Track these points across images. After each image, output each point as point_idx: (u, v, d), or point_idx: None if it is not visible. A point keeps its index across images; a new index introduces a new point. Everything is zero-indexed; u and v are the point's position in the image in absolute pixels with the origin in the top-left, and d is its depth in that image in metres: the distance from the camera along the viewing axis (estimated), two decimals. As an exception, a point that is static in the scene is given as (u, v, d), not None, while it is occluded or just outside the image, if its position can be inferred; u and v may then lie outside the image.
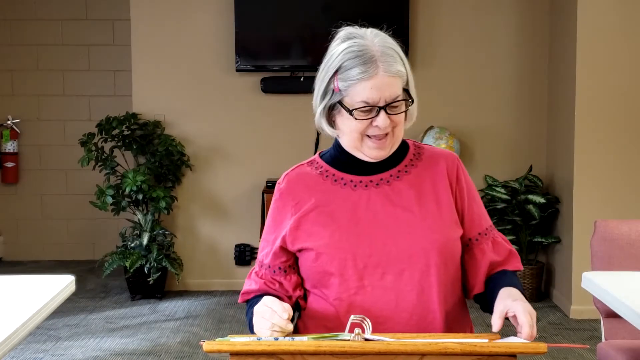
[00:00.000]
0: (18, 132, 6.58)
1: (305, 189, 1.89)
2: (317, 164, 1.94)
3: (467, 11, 5.54)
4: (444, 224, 1.84)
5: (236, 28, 5.44)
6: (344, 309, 1.80)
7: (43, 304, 2.01)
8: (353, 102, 1.79)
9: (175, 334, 4.65)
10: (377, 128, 1.80)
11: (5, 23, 6.56)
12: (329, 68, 1.81)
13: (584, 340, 4.53)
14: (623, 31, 4.84)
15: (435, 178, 1.89)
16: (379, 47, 1.78)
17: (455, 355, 1.51)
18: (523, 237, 5.28)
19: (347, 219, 1.84)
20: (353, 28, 1.85)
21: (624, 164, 4.90)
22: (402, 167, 1.90)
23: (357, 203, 1.85)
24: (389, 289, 1.80)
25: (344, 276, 1.81)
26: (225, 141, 5.61)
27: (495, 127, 5.59)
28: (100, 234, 6.62)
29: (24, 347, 4.41)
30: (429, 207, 1.85)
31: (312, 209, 1.86)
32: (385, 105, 1.78)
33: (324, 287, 1.85)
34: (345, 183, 1.88)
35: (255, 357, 1.53)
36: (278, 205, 1.92)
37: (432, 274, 1.80)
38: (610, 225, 2.81)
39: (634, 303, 2.08)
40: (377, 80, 1.76)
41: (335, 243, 1.81)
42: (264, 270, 1.92)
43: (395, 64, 1.79)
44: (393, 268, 1.80)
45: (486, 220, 1.94)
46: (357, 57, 1.77)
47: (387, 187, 1.86)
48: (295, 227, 1.86)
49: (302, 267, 1.89)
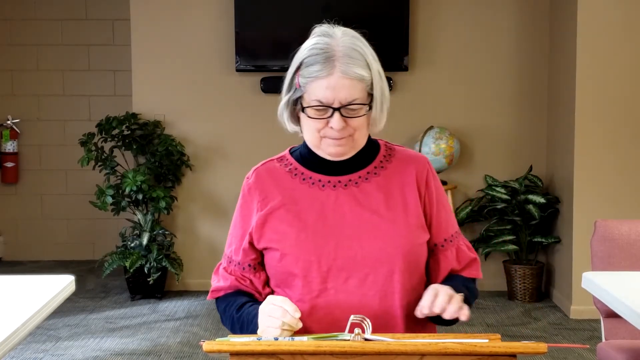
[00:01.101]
0: (18, 132, 6.58)
1: (273, 185, 1.87)
2: (286, 161, 1.92)
3: (467, 11, 5.54)
4: (410, 229, 1.82)
5: (236, 28, 5.44)
6: (306, 311, 1.78)
7: (43, 304, 2.01)
8: (309, 100, 1.77)
9: (175, 334, 4.65)
10: (332, 130, 1.78)
11: (5, 23, 6.57)
12: (294, 63, 1.81)
13: (584, 340, 4.53)
14: (623, 31, 4.84)
15: (405, 181, 1.86)
16: (342, 48, 1.76)
17: (455, 355, 1.51)
18: (523, 237, 5.28)
19: (314, 220, 1.81)
20: (327, 27, 1.83)
21: (624, 164, 4.90)
22: (372, 169, 1.87)
23: (324, 203, 1.83)
24: (352, 293, 1.78)
25: (307, 278, 1.79)
26: (225, 141, 5.61)
27: (495, 127, 5.59)
28: (100, 234, 6.62)
29: (24, 347, 4.41)
30: (396, 210, 1.82)
31: (279, 206, 1.84)
32: (339, 107, 1.75)
33: (287, 287, 1.83)
34: (313, 182, 1.86)
35: (255, 357, 1.53)
36: (246, 199, 1.89)
37: (395, 279, 1.79)
38: (610, 225, 2.81)
39: (634, 303, 2.08)
40: (332, 81, 1.74)
41: (300, 243, 1.80)
42: (233, 266, 1.89)
43: (355, 66, 1.75)
44: (357, 272, 1.78)
45: (453, 227, 1.91)
46: (318, 55, 1.76)
47: (355, 189, 1.84)
48: (261, 224, 1.84)
49: (267, 265, 1.87)
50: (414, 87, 5.56)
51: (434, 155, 5.25)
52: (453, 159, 5.33)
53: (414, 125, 5.49)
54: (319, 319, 1.79)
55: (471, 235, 5.55)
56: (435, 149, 5.26)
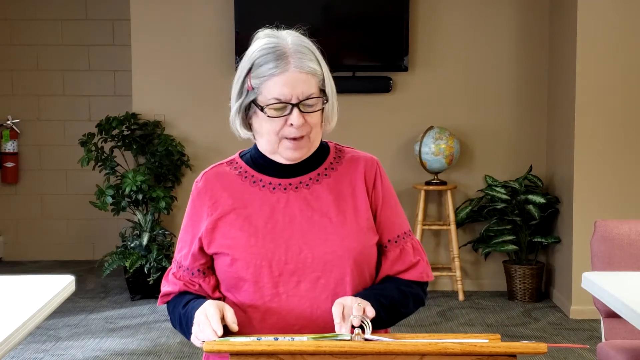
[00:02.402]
0: (18, 132, 6.58)
1: (223, 189, 1.85)
2: (236, 164, 1.90)
3: (467, 11, 5.53)
4: (360, 231, 1.81)
5: (236, 28, 5.44)
6: (259, 316, 1.78)
7: (43, 304, 2.01)
8: (266, 100, 1.77)
9: (175, 334, 4.65)
10: (291, 128, 1.77)
11: (5, 23, 6.56)
12: (243, 67, 1.80)
13: (584, 340, 4.53)
14: (623, 31, 4.84)
15: (354, 182, 1.85)
16: (291, 45, 1.77)
17: (455, 355, 1.51)
18: (523, 237, 5.28)
19: (264, 223, 1.80)
20: (269, 29, 1.84)
21: (624, 163, 4.90)
22: (322, 170, 1.86)
23: (275, 207, 1.81)
24: (304, 297, 1.77)
25: (259, 283, 1.78)
26: (225, 141, 5.60)
27: (495, 127, 5.59)
28: (100, 234, 6.62)
29: (24, 347, 4.41)
30: (346, 213, 1.82)
31: (230, 210, 1.83)
32: (298, 102, 1.75)
33: (237, 292, 1.81)
34: (264, 185, 1.84)
35: (255, 357, 1.53)
36: (195, 204, 1.88)
37: (347, 281, 1.78)
38: (610, 225, 2.81)
39: (634, 303, 2.08)
40: (289, 76, 1.74)
41: (251, 248, 1.78)
42: (182, 272, 1.87)
43: (308, 61, 1.76)
44: (308, 276, 1.77)
45: (400, 227, 1.88)
46: (269, 54, 1.76)
47: (306, 191, 1.83)
48: (211, 228, 1.83)
49: (217, 270, 1.85)
50: (413, 87, 5.56)
51: (434, 155, 5.25)
52: (453, 159, 5.33)
53: (414, 125, 5.49)
54: (272, 324, 1.78)
55: (471, 235, 5.55)
56: (435, 149, 5.26)
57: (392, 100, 5.50)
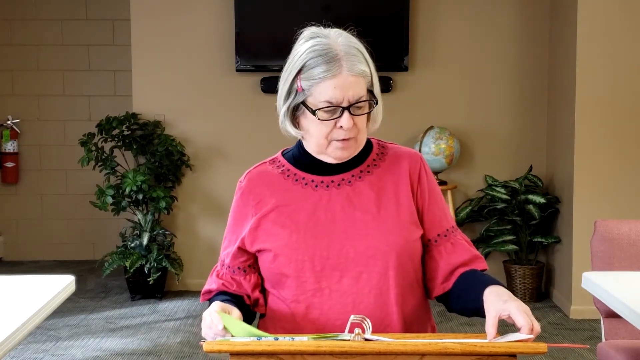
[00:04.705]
0: (18, 132, 6.58)
1: (266, 188, 1.88)
2: (279, 163, 1.92)
3: (467, 11, 5.54)
4: (402, 226, 1.82)
5: (236, 28, 5.44)
6: (302, 311, 1.79)
7: (43, 304, 2.01)
8: (316, 102, 1.77)
9: (175, 334, 4.65)
10: (341, 130, 1.78)
11: (5, 23, 6.57)
12: (292, 68, 1.80)
13: (584, 340, 4.53)
14: (623, 31, 4.84)
15: (397, 178, 1.86)
16: (342, 47, 1.77)
17: (455, 355, 1.51)
18: (523, 237, 5.28)
19: (306, 220, 1.82)
20: (317, 28, 1.84)
21: (624, 164, 4.90)
22: (365, 167, 1.88)
23: (317, 204, 1.83)
24: (346, 292, 1.78)
25: (301, 278, 1.80)
26: (225, 141, 5.61)
27: (495, 127, 5.59)
28: (100, 234, 6.62)
29: (24, 347, 4.41)
30: (388, 208, 1.83)
31: (272, 209, 1.85)
32: (349, 105, 1.76)
33: (281, 288, 1.84)
34: (306, 183, 1.86)
35: (255, 357, 1.53)
36: (239, 204, 1.90)
37: (390, 276, 1.79)
38: (610, 225, 2.81)
39: (634, 303, 2.08)
40: (341, 80, 1.74)
41: (292, 244, 1.80)
42: (224, 270, 1.91)
43: (359, 63, 1.77)
44: (351, 271, 1.79)
45: (447, 222, 1.89)
46: (321, 56, 1.76)
47: (348, 188, 1.85)
48: (255, 227, 1.85)
49: (261, 267, 1.88)
50: (413, 87, 5.56)
51: (434, 155, 5.25)
52: (453, 159, 5.33)
53: (414, 125, 5.49)
54: (314, 319, 1.79)
55: (471, 235, 5.54)
56: (435, 149, 5.26)
57: (392, 100, 5.50)
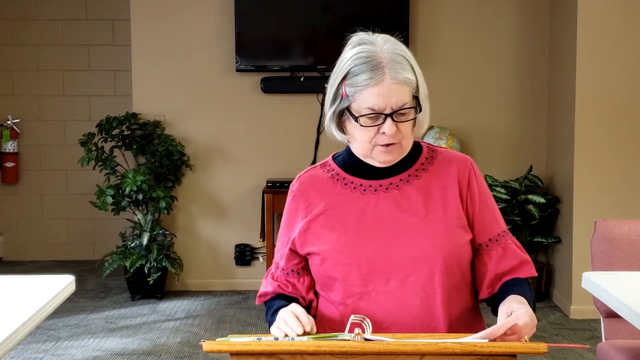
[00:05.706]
0: (18, 132, 6.58)
1: (316, 192, 1.91)
2: (329, 167, 1.95)
3: (467, 11, 5.54)
4: (450, 230, 1.83)
5: (236, 28, 5.44)
6: (349, 314, 1.80)
7: (43, 304, 2.01)
8: (360, 109, 1.79)
9: (175, 334, 4.65)
10: (384, 136, 1.79)
11: (5, 23, 6.56)
12: (339, 73, 1.82)
13: (584, 340, 4.53)
14: (623, 31, 4.84)
15: (446, 183, 1.87)
16: (387, 54, 1.78)
17: (455, 355, 1.51)
18: (523, 237, 5.28)
19: (353, 224, 1.85)
20: (365, 34, 1.85)
21: (624, 163, 4.90)
22: (413, 172, 1.89)
23: (365, 208, 1.86)
24: (392, 295, 1.80)
25: (348, 281, 1.82)
26: (225, 141, 5.61)
27: (495, 127, 5.59)
28: (100, 234, 6.62)
29: (24, 347, 4.41)
30: (435, 212, 1.84)
31: (322, 212, 1.88)
32: (391, 112, 1.77)
33: (329, 290, 1.87)
34: (355, 187, 1.89)
35: (255, 357, 1.53)
36: (290, 207, 1.95)
37: (436, 279, 1.80)
38: (610, 225, 2.81)
39: (634, 303, 2.08)
40: (384, 87, 1.76)
41: (340, 248, 1.83)
42: (278, 272, 1.95)
43: (403, 71, 1.78)
44: (397, 274, 1.80)
45: (499, 226, 1.91)
46: (365, 64, 1.77)
47: (396, 192, 1.86)
48: (304, 230, 1.88)
49: (311, 270, 1.92)
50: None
51: (434, 155, 5.25)
52: (453, 159, 5.32)
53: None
54: None
55: (471, 235, 5.54)
56: (435, 149, 5.26)
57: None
